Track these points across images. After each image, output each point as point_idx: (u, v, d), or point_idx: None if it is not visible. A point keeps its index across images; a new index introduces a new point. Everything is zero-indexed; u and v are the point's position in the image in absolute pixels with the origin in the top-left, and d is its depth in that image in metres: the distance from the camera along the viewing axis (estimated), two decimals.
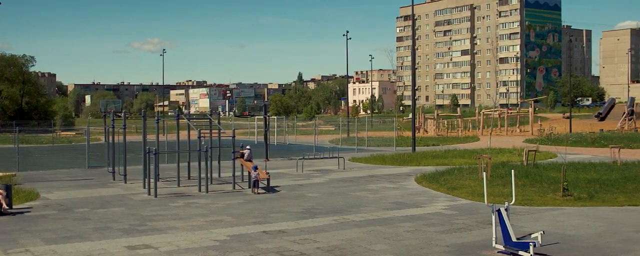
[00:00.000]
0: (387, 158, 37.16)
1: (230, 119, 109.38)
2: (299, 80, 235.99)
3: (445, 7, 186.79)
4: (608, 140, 48.78)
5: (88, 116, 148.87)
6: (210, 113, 33.17)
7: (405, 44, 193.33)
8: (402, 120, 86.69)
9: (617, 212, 18.61)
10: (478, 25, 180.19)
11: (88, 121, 71.27)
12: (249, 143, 32.00)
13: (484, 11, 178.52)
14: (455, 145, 50.94)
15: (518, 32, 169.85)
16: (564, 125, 71.33)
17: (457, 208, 19.67)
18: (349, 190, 24.59)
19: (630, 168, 29.20)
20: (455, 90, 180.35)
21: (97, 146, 46.00)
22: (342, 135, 60.68)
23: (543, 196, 21.32)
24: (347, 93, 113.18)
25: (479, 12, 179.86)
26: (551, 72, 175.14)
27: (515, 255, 13.13)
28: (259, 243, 14.77)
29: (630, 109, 77.87)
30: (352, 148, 46.59)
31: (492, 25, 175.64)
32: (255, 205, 20.69)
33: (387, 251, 13.94)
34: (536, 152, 32.63)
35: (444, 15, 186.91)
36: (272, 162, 36.36)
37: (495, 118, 78.58)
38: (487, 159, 27.95)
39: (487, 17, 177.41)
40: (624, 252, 13.65)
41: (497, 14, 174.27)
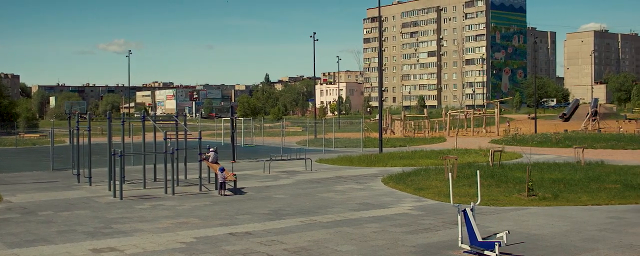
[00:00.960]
0: (354, 159, 37.23)
1: (197, 121, 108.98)
2: (266, 81, 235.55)
3: (412, 8, 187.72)
4: (572, 140, 49.34)
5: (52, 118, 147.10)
6: (177, 115, 32.92)
7: (373, 45, 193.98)
8: (370, 121, 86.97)
9: (581, 211, 18.82)
10: (444, 27, 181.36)
11: (52, 123, 70.43)
12: (216, 145, 31.82)
13: (450, 13, 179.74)
14: (422, 146, 51.19)
15: (484, 34, 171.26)
16: (529, 126, 72.03)
17: (424, 209, 19.75)
18: (316, 191, 24.59)
19: (594, 168, 29.59)
20: (422, 91, 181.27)
21: (62, 148, 45.48)
22: (309, 136, 60.68)
23: (508, 197, 21.50)
24: (315, 94, 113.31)
25: (446, 14, 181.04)
26: (516, 73, 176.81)
27: (481, 254, 13.21)
28: (225, 245, 14.70)
29: (594, 110, 78.94)
30: (320, 150, 46.61)
31: (458, 27, 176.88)
32: (222, 207, 20.60)
33: (354, 252, 13.95)
34: (502, 153, 32.91)
35: (411, 17, 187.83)
36: (239, 164, 36.25)
37: (462, 119, 79.12)
38: (454, 160, 28.12)
39: (454, 18, 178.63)
40: (587, 251, 13.81)
41: (463, 15, 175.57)
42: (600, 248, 14.00)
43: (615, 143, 46.66)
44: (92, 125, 29.18)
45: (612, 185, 23.65)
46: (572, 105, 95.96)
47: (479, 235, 13.36)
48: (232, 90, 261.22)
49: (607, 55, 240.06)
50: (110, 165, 24.32)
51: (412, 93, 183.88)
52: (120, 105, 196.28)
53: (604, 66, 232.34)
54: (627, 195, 21.27)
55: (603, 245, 14.29)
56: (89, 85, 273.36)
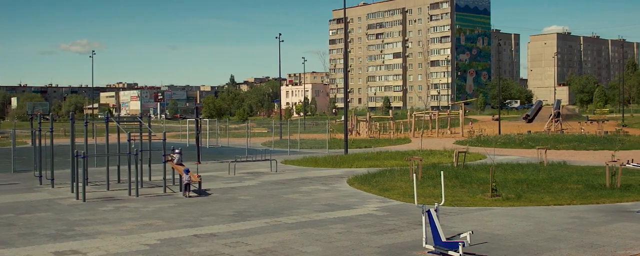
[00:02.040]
0: (319, 161, 37.25)
1: (161, 122, 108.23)
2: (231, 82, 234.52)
3: (378, 10, 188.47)
4: (535, 141, 49.85)
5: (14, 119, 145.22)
6: (141, 116, 32.69)
7: (338, 46, 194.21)
8: (335, 123, 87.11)
9: (544, 211, 19.02)
10: (410, 29, 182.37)
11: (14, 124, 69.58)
12: (181, 146, 31.66)
13: (415, 15, 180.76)
14: (387, 147, 51.38)
15: (449, 36, 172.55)
16: (493, 127, 72.65)
17: (389, 210, 19.82)
18: (281, 192, 24.55)
19: (556, 169, 29.95)
20: (388, 92, 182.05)
21: (24, 149, 44.90)
22: (274, 137, 60.58)
23: (472, 197, 21.66)
24: (280, 95, 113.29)
25: (411, 15, 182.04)
26: (481, 74, 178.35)
27: (445, 254, 13.29)
28: (189, 247, 14.61)
29: (557, 111, 79.80)
30: (285, 151, 46.57)
31: (423, 28, 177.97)
32: (187, 209, 20.47)
33: (318, 253, 13.95)
34: (466, 154, 33.17)
35: (376, 19, 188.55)
36: (204, 165, 36.07)
37: (427, 121, 79.58)
38: (418, 161, 28.26)
39: (419, 20, 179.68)
40: (549, 250, 13.96)
41: (428, 17, 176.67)
42: (562, 248, 14.17)
43: (578, 144, 47.24)
44: (54, 126, 28.85)
45: (574, 186, 23.95)
46: (536, 107, 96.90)
47: (443, 235, 13.45)
48: (198, 91, 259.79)
49: (570, 58, 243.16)
50: (73, 167, 24.06)
51: (378, 94, 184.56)
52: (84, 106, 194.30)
53: (567, 68, 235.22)
54: (588, 195, 21.55)
55: (565, 245, 14.46)
56: (51, 86, 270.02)
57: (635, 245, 14.37)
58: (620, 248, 14.07)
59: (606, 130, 65.15)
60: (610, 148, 40.25)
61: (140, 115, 36.90)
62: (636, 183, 23.24)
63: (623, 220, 17.42)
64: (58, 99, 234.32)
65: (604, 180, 24.13)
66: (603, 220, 17.46)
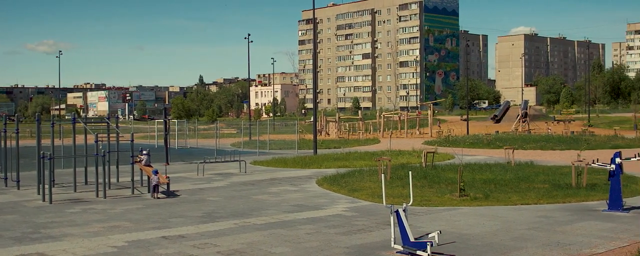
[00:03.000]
0: (288, 161, 37.23)
1: (129, 123, 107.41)
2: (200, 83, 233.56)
3: (347, 11, 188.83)
4: (503, 141, 50.23)
5: None
6: (108, 117, 32.41)
7: (308, 47, 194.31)
8: (304, 123, 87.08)
9: (511, 211, 19.19)
10: (379, 29, 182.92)
11: None
12: (149, 147, 31.46)
13: (384, 16, 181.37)
14: (356, 147, 51.48)
15: (417, 37, 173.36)
16: (461, 127, 73.10)
17: (358, 210, 19.87)
18: (251, 193, 24.50)
19: (523, 169, 30.21)
20: (357, 93, 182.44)
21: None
22: (244, 138, 60.40)
23: (441, 197, 21.78)
24: (249, 96, 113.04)
25: (380, 16, 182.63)
26: (449, 75, 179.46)
27: (414, 254, 13.35)
28: (158, 249, 14.53)
29: (524, 111, 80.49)
30: (254, 152, 46.47)
31: (392, 29, 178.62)
32: (155, 210, 20.35)
33: (287, 253, 13.95)
34: (434, 154, 33.34)
35: (346, 19, 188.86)
36: (172, 166, 35.86)
37: (396, 121, 79.88)
38: (387, 161, 28.35)
39: (388, 21, 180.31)
40: (516, 249, 14.09)
41: (397, 18, 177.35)
42: (529, 247, 14.31)
43: (544, 144, 47.67)
44: (20, 127, 28.53)
45: (541, 185, 24.19)
46: (503, 107, 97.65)
47: (412, 235, 13.51)
48: (166, 92, 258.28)
49: (537, 58, 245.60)
50: (39, 168, 23.80)
51: (347, 95, 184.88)
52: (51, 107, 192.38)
53: (534, 69, 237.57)
54: (554, 195, 21.77)
55: (531, 244, 14.61)
56: (17, 86, 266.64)
57: (600, 244, 14.56)
58: (585, 247, 14.25)
59: (572, 130, 65.88)
60: (576, 148, 40.72)
61: (108, 116, 36.55)
62: (601, 183, 23.52)
63: (589, 219, 17.64)
64: (24, 100, 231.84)
65: (570, 179, 24.41)
66: (569, 219, 17.66)
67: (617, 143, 46.67)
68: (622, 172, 18.92)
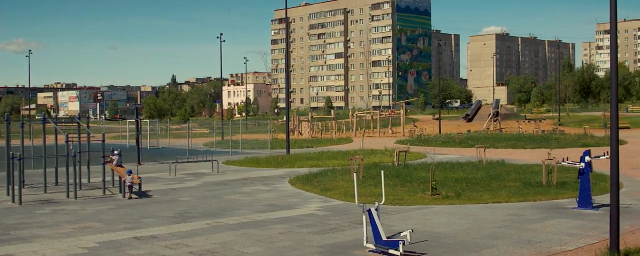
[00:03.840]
0: (261, 161, 37.18)
1: (101, 123, 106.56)
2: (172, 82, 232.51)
3: (320, 10, 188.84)
4: (475, 140, 50.59)
5: None
6: (79, 117, 32.15)
7: (280, 46, 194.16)
8: (277, 123, 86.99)
9: (482, 209, 19.33)
10: (351, 29, 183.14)
11: None
12: (121, 147, 31.25)
13: (357, 15, 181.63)
14: (329, 146, 51.54)
15: (390, 36, 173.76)
16: (433, 126, 73.46)
17: (330, 209, 19.90)
18: (223, 193, 24.44)
19: (495, 167, 30.45)
20: (330, 92, 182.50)
21: None
22: (216, 138, 60.26)
23: (413, 196, 21.87)
24: (222, 95, 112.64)
25: (352, 16, 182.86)
26: (422, 75, 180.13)
27: (386, 253, 13.40)
28: (129, 249, 14.44)
29: (496, 111, 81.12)
30: (227, 151, 46.33)
31: (365, 29, 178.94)
32: (126, 211, 20.22)
33: (260, 253, 13.94)
34: (407, 153, 33.48)
35: (318, 19, 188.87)
36: (144, 166, 35.62)
37: (368, 120, 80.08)
38: (360, 160, 28.43)
39: (360, 21, 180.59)
40: (487, 247, 14.20)
41: (369, 18, 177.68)
42: (500, 245, 14.42)
43: (515, 143, 48.09)
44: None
45: (512, 184, 24.40)
46: (475, 106, 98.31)
47: (384, 234, 13.56)
48: (138, 92, 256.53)
49: (508, 58, 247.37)
50: (9, 169, 23.55)
51: (320, 94, 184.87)
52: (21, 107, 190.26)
53: (505, 68, 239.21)
54: (525, 193, 21.97)
55: (502, 242, 14.73)
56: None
57: (570, 241, 14.71)
58: (555, 244, 14.39)
59: (543, 128, 66.51)
60: (546, 147, 41.08)
61: (79, 115, 36.22)
62: (571, 181, 23.77)
63: (559, 217, 17.81)
64: None
65: (540, 177, 24.64)
66: (539, 217, 17.83)
67: (587, 141, 47.20)
68: (591, 170, 19.15)
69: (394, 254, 13.22)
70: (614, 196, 13.06)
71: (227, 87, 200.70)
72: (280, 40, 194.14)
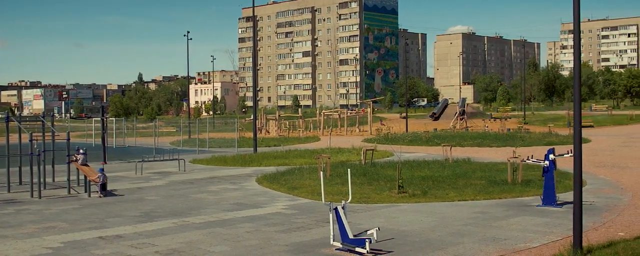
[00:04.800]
0: (228, 160, 37.05)
1: (66, 121, 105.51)
2: (139, 80, 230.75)
3: (287, 9, 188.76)
4: (441, 138, 50.86)
5: None
6: (43, 115, 31.74)
7: (248, 45, 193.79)
8: (245, 121, 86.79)
9: (449, 207, 19.45)
10: (319, 28, 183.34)
11: None
12: (87, 146, 30.95)
13: (324, 14, 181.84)
14: (296, 145, 51.50)
15: (357, 35, 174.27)
16: (400, 125, 73.73)
17: (297, 208, 19.90)
18: (190, 192, 24.32)
19: (461, 165, 30.66)
20: (297, 91, 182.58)
21: None
22: (183, 136, 59.97)
23: (379, 194, 21.94)
24: (189, 94, 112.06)
25: (320, 14, 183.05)
26: (389, 73, 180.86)
27: (352, 251, 13.43)
28: (94, 249, 14.31)
29: (462, 109, 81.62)
30: (194, 150, 46.11)
31: (332, 27, 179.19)
32: (92, 210, 20.03)
33: (226, 252, 13.89)
34: (374, 151, 33.57)
35: (286, 17, 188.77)
36: (110, 165, 35.32)
37: (336, 119, 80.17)
38: (327, 159, 28.46)
39: (328, 19, 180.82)
40: (453, 245, 14.29)
41: (337, 16, 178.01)
42: (466, 242, 14.53)
43: (481, 141, 48.42)
44: None
45: (478, 181, 24.59)
46: (442, 105, 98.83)
47: (350, 232, 13.59)
48: (104, 90, 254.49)
49: (474, 57, 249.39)
50: None
51: (287, 93, 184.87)
52: None
53: (472, 67, 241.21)
54: (491, 191, 22.15)
55: (468, 239, 14.84)
56: None
57: (534, 238, 14.87)
58: (520, 241, 14.54)
59: (508, 127, 67.05)
60: (512, 145, 41.39)
61: (43, 114, 35.78)
62: (536, 179, 23.99)
63: (523, 214, 17.99)
64: None
65: (506, 175, 24.86)
66: (505, 215, 17.99)
67: (551, 140, 47.66)
68: (555, 168, 19.33)
69: (360, 252, 13.26)
70: (577, 194, 13.23)
71: (195, 86, 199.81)
72: (248, 38, 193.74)
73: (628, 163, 31.69)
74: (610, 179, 25.67)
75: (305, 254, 13.69)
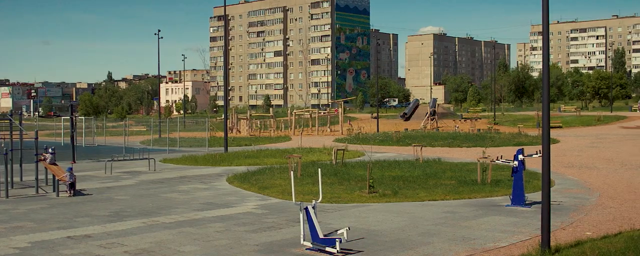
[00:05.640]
0: (199, 159, 36.91)
1: (34, 120, 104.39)
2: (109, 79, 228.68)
3: (259, 8, 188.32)
4: (412, 138, 51.07)
5: None
6: (11, 114, 31.42)
7: (219, 44, 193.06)
8: (216, 121, 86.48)
9: (419, 207, 19.54)
10: (291, 27, 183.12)
11: None
12: (55, 145, 30.64)
13: (296, 13, 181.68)
14: (267, 145, 51.45)
15: (329, 35, 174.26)
16: (371, 125, 73.93)
17: (268, 207, 19.87)
18: (160, 191, 24.18)
19: (431, 165, 30.80)
20: (269, 90, 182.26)
21: None
22: (153, 135, 59.62)
23: (350, 194, 21.98)
24: (160, 93, 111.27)
25: (292, 14, 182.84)
26: (360, 73, 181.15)
27: (323, 251, 13.45)
28: (62, 249, 14.17)
29: (433, 110, 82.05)
30: (164, 149, 45.85)
31: (304, 27, 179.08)
32: (60, 210, 19.84)
33: (196, 252, 13.83)
34: (345, 151, 33.61)
35: (258, 17, 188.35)
36: (79, 164, 35.02)
37: (307, 119, 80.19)
38: (298, 158, 28.46)
39: (300, 19, 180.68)
40: (423, 244, 14.36)
41: (309, 16, 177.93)
42: (436, 242, 14.61)
43: (452, 141, 48.69)
44: None
45: (448, 181, 24.73)
46: (413, 105, 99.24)
47: (321, 232, 13.60)
48: (74, 88, 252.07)
49: (445, 58, 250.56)
50: None
51: (259, 92, 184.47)
52: None
53: (443, 68, 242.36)
54: (461, 191, 22.29)
55: (438, 239, 14.92)
56: None
57: (503, 238, 14.98)
58: (489, 241, 14.64)
59: (479, 127, 67.52)
60: (482, 145, 41.74)
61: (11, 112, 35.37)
62: (505, 179, 24.20)
63: (493, 214, 18.12)
64: None
65: (475, 176, 25.04)
66: (474, 214, 18.11)
67: (521, 140, 48.07)
68: (524, 168, 19.50)
69: (330, 252, 13.29)
70: (545, 194, 13.36)
71: (165, 85, 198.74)
72: (219, 37, 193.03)
73: (596, 164, 32.05)
74: (578, 179, 25.95)
75: (276, 254, 13.67)
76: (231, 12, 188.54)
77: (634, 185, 24.18)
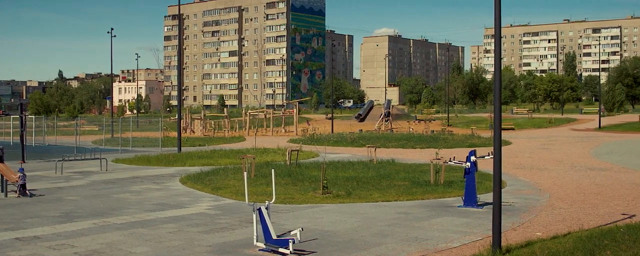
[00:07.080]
0: (152, 159, 36.56)
1: None
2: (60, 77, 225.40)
3: (214, 7, 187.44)
4: (366, 139, 51.27)
5: None
6: None
7: (173, 43, 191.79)
8: (169, 120, 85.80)
9: (372, 208, 19.61)
10: (246, 27, 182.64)
11: None
12: (4, 144, 30.09)
13: (252, 13, 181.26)
14: (221, 145, 51.19)
15: (284, 35, 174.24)
16: (326, 126, 74.05)
17: (221, 208, 19.77)
18: (111, 192, 23.89)
19: (385, 166, 30.95)
20: (223, 90, 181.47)
21: None
22: (106, 135, 58.88)
23: (304, 195, 21.98)
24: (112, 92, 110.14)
25: (247, 14, 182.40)
26: (315, 74, 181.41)
27: (276, 252, 13.43)
28: (10, 251, 13.91)
29: (387, 111, 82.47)
30: (116, 149, 45.32)
31: (259, 27, 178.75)
32: (8, 211, 19.48)
33: (148, 253, 13.70)
34: (299, 152, 33.60)
35: (213, 16, 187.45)
36: (29, 164, 34.39)
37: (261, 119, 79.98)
38: (251, 159, 28.37)
39: (255, 19, 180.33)
40: (376, 245, 14.42)
41: (264, 16, 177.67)
42: (388, 242, 14.67)
43: (406, 143, 48.99)
44: None
45: (401, 182, 24.86)
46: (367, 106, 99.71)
47: (274, 233, 13.58)
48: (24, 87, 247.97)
49: (400, 59, 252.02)
50: None
51: (213, 92, 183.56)
52: None
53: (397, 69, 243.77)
54: (414, 192, 22.43)
55: (391, 239, 14.99)
56: None
57: (455, 238, 15.12)
58: (441, 241, 14.76)
59: (432, 129, 68.10)
60: (435, 147, 42.03)
61: None
62: (458, 180, 24.41)
63: (445, 215, 18.28)
64: None
65: (429, 177, 25.22)
66: (427, 215, 18.24)
67: (474, 142, 48.56)
68: (476, 170, 19.70)
69: (283, 252, 13.27)
70: (496, 194, 13.52)
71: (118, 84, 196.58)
72: (174, 37, 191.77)
73: (546, 165, 32.54)
74: (529, 180, 26.32)
75: (229, 255, 13.61)
76: (186, 11, 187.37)
77: (583, 186, 24.61)
